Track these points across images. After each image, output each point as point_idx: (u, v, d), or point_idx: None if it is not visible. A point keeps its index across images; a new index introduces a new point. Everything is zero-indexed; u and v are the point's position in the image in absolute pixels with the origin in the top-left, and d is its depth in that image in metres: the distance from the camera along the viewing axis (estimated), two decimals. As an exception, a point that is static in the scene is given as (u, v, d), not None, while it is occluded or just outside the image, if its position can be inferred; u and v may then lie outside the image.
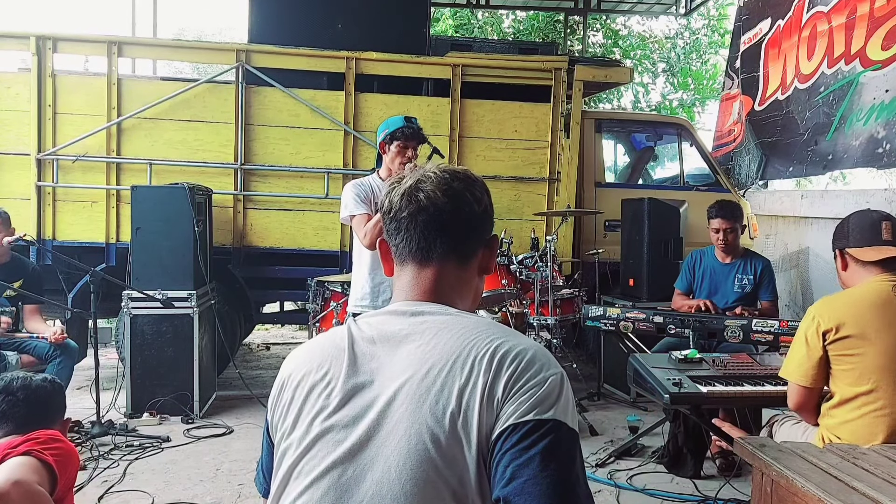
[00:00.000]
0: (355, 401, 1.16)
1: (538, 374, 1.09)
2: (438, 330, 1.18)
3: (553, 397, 1.08)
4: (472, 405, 1.08)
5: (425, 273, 1.29)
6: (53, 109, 5.61)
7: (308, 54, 5.87)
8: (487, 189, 1.36)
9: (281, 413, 1.24)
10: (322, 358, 1.23)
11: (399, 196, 1.29)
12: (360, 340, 1.22)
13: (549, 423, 1.05)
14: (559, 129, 6.16)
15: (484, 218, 1.33)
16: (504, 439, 1.05)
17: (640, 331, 4.29)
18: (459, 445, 1.07)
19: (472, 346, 1.13)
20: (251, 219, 5.90)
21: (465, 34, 14.50)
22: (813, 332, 2.47)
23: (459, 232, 1.29)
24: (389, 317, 1.25)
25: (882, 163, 4.41)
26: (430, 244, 1.27)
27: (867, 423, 2.36)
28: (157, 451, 4.24)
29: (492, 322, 1.24)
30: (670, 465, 3.98)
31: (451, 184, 1.29)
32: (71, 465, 2.32)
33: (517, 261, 4.99)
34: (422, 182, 1.29)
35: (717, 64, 15.49)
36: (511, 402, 1.07)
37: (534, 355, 1.13)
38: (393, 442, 1.10)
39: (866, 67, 4.56)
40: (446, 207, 1.27)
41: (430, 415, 1.09)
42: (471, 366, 1.11)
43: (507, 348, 1.12)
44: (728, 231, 4.48)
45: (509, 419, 1.05)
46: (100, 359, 4.59)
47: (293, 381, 1.24)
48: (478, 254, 1.33)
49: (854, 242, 2.57)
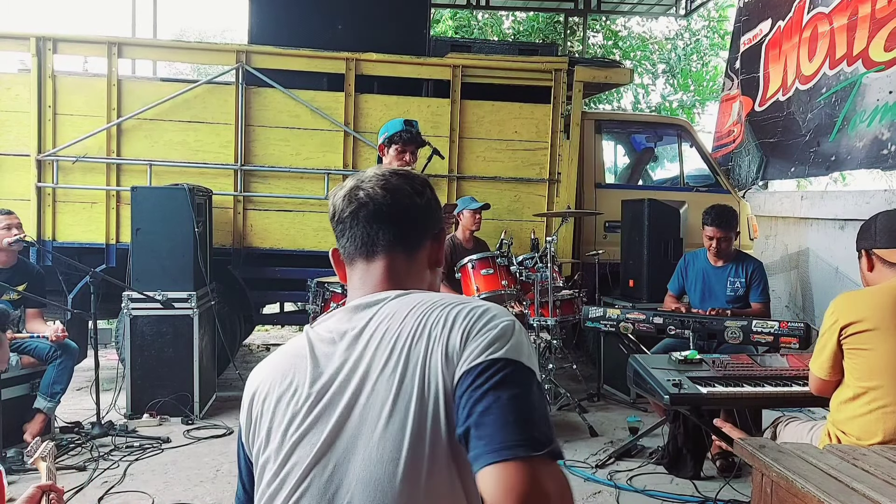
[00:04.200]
0: (323, 401, 1.17)
1: (490, 323, 1.11)
2: (395, 311, 1.20)
3: (505, 339, 1.09)
4: (435, 370, 1.10)
5: (374, 267, 1.31)
6: (53, 110, 5.61)
7: (308, 55, 5.87)
8: (431, 185, 1.40)
9: (253, 429, 1.25)
10: (285, 368, 1.24)
11: (341, 198, 1.33)
12: (318, 343, 1.24)
13: (501, 361, 1.06)
14: (559, 129, 6.16)
15: (428, 210, 1.35)
16: (461, 384, 1.07)
17: (640, 332, 4.29)
18: (433, 417, 1.08)
19: (427, 318, 1.15)
20: (251, 220, 5.90)
21: (464, 35, 14.51)
22: (829, 325, 2.49)
23: (401, 223, 1.31)
24: (345, 314, 1.26)
25: (887, 164, 4.41)
26: (373, 237, 1.30)
27: (874, 420, 2.36)
28: (158, 452, 4.24)
29: (447, 294, 1.26)
30: (670, 465, 3.97)
31: (389, 179, 1.32)
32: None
33: (517, 262, 4.99)
34: (361, 181, 1.33)
35: (717, 65, 15.49)
36: (465, 350, 1.08)
37: (486, 308, 1.15)
38: (367, 430, 1.11)
39: (869, 69, 4.56)
40: (386, 200, 1.29)
41: (401, 393, 1.10)
42: (429, 334, 1.13)
43: (460, 308, 1.15)
44: (721, 240, 4.45)
45: (464, 365, 1.07)
46: (100, 360, 4.59)
47: (260, 395, 1.26)
48: (425, 245, 1.34)
49: (882, 243, 2.55)
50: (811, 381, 2.65)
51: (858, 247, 2.67)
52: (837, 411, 2.52)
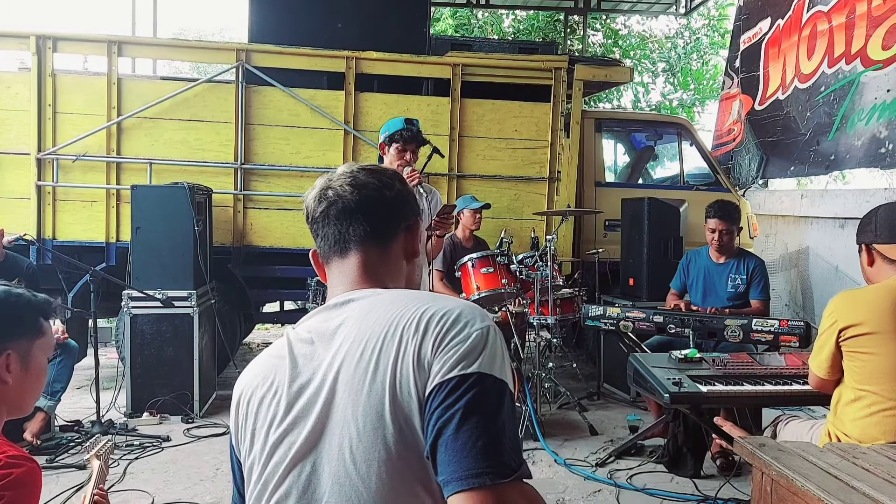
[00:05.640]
0: (301, 401, 1.18)
1: (463, 331, 1.10)
2: (368, 311, 1.20)
3: (477, 351, 1.08)
4: (406, 373, 1.09)
5: (348, 263, 1.31)
6: (53, 109, 5.61)
7: (308, 54, 5.87)
8: (401, 178, 1.40)
9: (241, 431, 1.26)
10: (267, 370, 1.25)
11: (312, 199, 1.34)
12: (297, 343, 1.25)
13: (473, 376, 1.05)
14: (559, 128, 6.16)
15: (397, 202, 1.35)
16: (432, 398, 1.06)
17: (640, 330, 4.29)
18: (404, 416, 1.08)
19: (400, 318, 1.14)
20: (251, 218, 5.90)
21: (464, 34, 14.50)
22: (828, 326, 2.47)
23: (371, 216, 1.31)
24: (322, 313, 1.27)
25: (885, 163, 4.39)
26: (344, 234, 1.31)
27: (875, 423, 2.35)
28: (157, 451, 4.24)
29: (421, 292, 1.26)
30: (670, 464, 3.97)
31: (356, 176, 1.33)
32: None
33: (517, 260, 4.99)
34: (330, 180, 1.34)
35: (717, 64, 15.49)
36: (437, 361, 1.07)
37: (459, 314, 1.13)
38: (341, 430, 1.12)
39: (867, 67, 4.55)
40: (353, 196, 1.30)
41: (372, 393, 1.10)
42: (400, 336, 1.12)
43: (433, 311, 1.13)
44: (724, 232, 4.48)
45: (436, 378, 1.06)
46: (100, 358, 4.59)
47: (245, 398, 1.27)
48: (398, 238, 1.35)
49: (882, 238, 2.53)
50: (811, 378, 2.65)
51: (859, 240, 2.64)
52: (837, 413, 2.51)
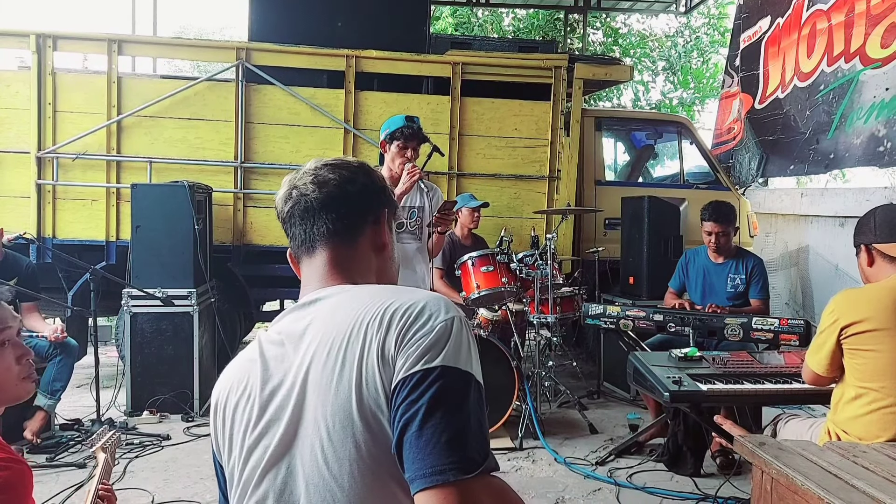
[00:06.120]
0: (273, 404, 1.17)
1: (426, 324, 1.09)
2: (334, 309, 1.19)
3: (441, 344, 1.06)
4: (371, 370, 1.08)
5: (316, 261, 1.31)
6: (53, 107, 5.61)
7: (308, 52, 5.87)
8: (367, 170, 1.38)
9: (220, 437, 1.27)
10: (241, 374, 1.25)
11: (280, 199, 1.34)
12: (268, 346, 1.24)
13: (437, 370, 1.04)
14: (559, 127, 6.16)
15: (361, 196, 1.34)
16: (397, 394, 1.05)
17: (640, 329, 4.29)
18: (372, 413, 1.08)
19: (365, 314, 1.13)
20: (251, 217, 5.90)
21: (464, 32, 14.50)
22: (829, 325, 2.47)
23: (332, 212, 1.30)
24: (292, 314, 1.26)
25: (883, 161, 4.39)
26: (310, 233, 1.30)
27: (876, 420, 2.36)
28: (157, 449, 4.25)
29: (386, 287, 1.25)
30: (670, 463, 3.98)
31: (318, 172, 1.33)
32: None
33: (517, 259, 4.99)
34: (296, 178, 1.33)
35: (717, 63, 15.48)
36: (401, 356, 1.06)
37: (423, 307, 1.12)
38: (312, 430, 1.12)
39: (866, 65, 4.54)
40: (315, 193, 1.30)
41: (339, 392, 1.10)
42: (364, 332, 1.11)
43: (398, 306, 1.12)
44: (720, 234, 4.48)
45: (399, 373, 1.06)
46: (100, 357, 4.59)
47: (221, 404, 1.27)
48: (364, 232, 1.33)
49: (882, 237, 2.53)
50: (806, 372, 2.64)
51: (857, 242, 2.65)
52: (838, 411, 2.51)
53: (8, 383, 1.63)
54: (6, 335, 1.63)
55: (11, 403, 1.68)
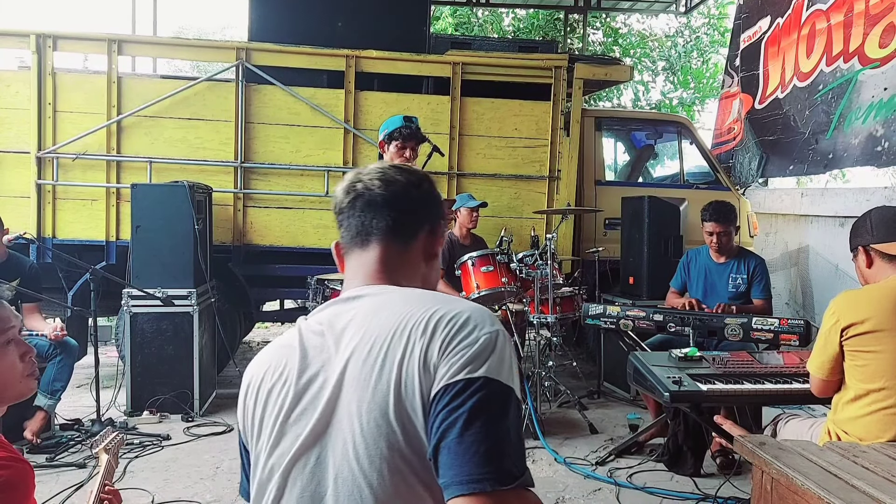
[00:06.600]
0: (308, 393, 1.18)
1: (471, 335, 1.10)
2: (379, 309, 1.20)
3: (485, 356, 1.07)
4: (411, 373, 1.09)
5: (367, 255, 1.32)
6: (53, 107, 5.61)
7: (308, 52, 5.87)
8: (431, 180, 1.40)
9: (249, 419, 1.27)
10: (278, 359, 1.26)
11: (341, 190, 1.35)
12: (308, 335, 1.25)
13: (479, 380, 1.05)
14: (559, 127, 6.16)
15: (424, 201, 1.36)
16: (437, 401, 1.06)
17: (640, 329, 4.29)
18: (407, 416, 1.08)
19: (409, 318, 1.14)
20: (251, 217, 5.90)
21: (464, 32, 14.49)
22: (830, 327, 2.46)
23: (395, 211, 1.31)
24: (335, 307, 1.27)
25: (881, 161, 4.39)
26: (367, 225, 1.31)
27: (877, 421, 2.35)
28: (157, 449, 4.25)
29: (432, 293, 1.26)
30: (670, 463, 3.98)
31: (386, 171, 1.35)
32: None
33: (517, 259, 4.99)
34: (360, 174, 1.35)
35: (717, 63, 15.48)
36: (444, 364, 1.07)
37: (468, 317, 1.13)
38: (346, 425, 1.12)
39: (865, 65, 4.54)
40: (380, 189, 1.31)
41: (377, 391, 1.10)
42: (408, 335, 1.12)
43: (443, 313, 1.13)
44: (721, 234, 4.47)
45: (442, 380, 1.06)
46: (100, 357, 4.59)
47: (254, 386, 1.27)
48: (419, 237, 1.34)
49: (880, 237, 2.53)
50: (812, 382, 2.63)
51: (854, 244, 2.64)
52: (838, 411, 2.50)
53: (12, 381, 1.64)
54: (10, 334, 1.64)
55: (15, 401, 1.68)
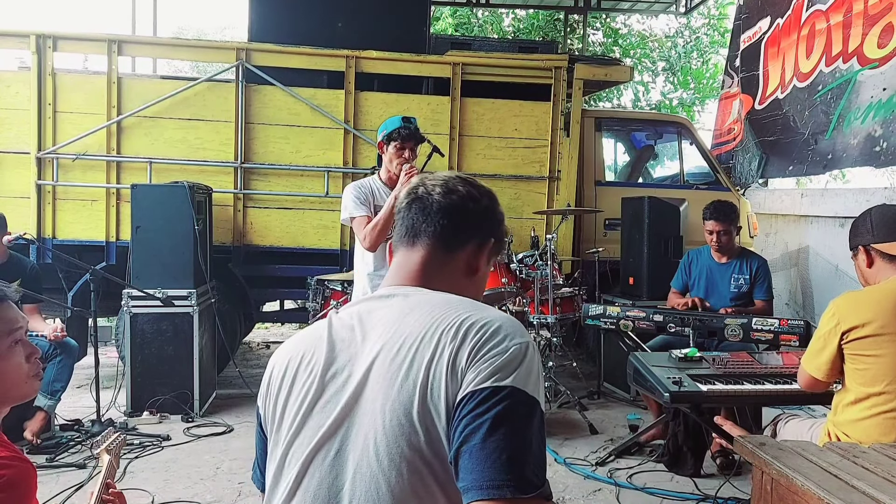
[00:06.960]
0: (333, 385, 1.19)
1: (501, 344, 1.11)
2: (411, 309, 1.21)
3: (513, 365, 1.09)
4: (438, 376, 1.10)
5: (411, 256, 1.34)
6: (53, 108, 5.61)
7: (308, 53, 5.86)
8: (493, 197, 1.42)
9: (271, 405, 1.28)
10: (305, 348, 1.27)
11: (405, 194, 1.39)
12: (338, 327, 1.26)
13: (506, 389, 1.06)
14: (559, 127, 6.16)
15: (477, 216, 1.38)
16: (462, 406, 1.07)
17: (640, 329, 4.29)
18: (431, 418, 1.09)
19: (440, 321, 1.16)
20: (251, 217, 5.90)
21: (464, 33, 14.49)
22: (830, 329, 2.44)
23: (447, 218, 1.33)
24: (369, 302, 1.29)
25: (880, 161, 4.39)
26: (416, 227, 1.34)
27: (877, 425, 2.34)
28: (158, 450, 4.24)
29: (464, 299, 1.26)
30: (670, 463, 3.98)
31: (450, 181, 1.38)
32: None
33: (517, 259, 4.99)
34: (426, 178, 1.38)
35: (717, 63, 15.48)
36: (472, 370, 1.08)
37: (499, 326, 1.14)
38: (369, 421, 1.13)
39: (864, 66, 4.55)
40: (438, 196, 1.35)
41: (402, 390, 1.11)
42: (438, 339, 1.13)
43: (474, 320, 1.15)
44: (722, 233, 4.48)
45: (469, 386, 1.07)
46: (100, 357, 4.59)
47: (279, 372, 1.28)
48: (465, 248, 1.36)
49: (881, 237, 2.51)
50: (802, 377, 2.61)
51: (854, 244, 2.62)
52: (838, 413, 2.49)
53: (18, 381, 1.65)
54: (17, 335, 1.64)
55: (19, 402, 1.69)
